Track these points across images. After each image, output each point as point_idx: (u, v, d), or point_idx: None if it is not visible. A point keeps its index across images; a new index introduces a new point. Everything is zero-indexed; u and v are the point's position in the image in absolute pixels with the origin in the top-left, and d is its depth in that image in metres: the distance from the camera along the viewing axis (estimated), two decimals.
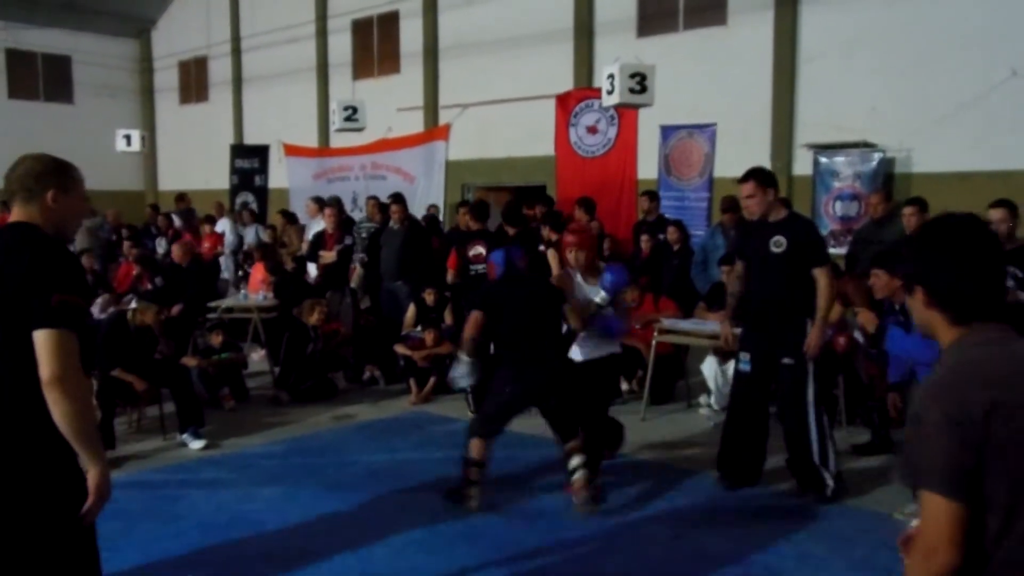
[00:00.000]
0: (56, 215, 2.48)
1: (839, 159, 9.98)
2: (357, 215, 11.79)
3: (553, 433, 4.95)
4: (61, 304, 2.30)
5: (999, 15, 9.08)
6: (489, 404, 4.86)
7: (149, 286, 8.66)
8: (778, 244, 4.74)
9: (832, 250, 8.94)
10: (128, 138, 13.68)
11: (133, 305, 6.63)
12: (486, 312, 4.83)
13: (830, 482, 4.79)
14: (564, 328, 5.02)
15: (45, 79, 19.56)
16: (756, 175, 4.87)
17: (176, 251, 8.85)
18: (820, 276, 4.71)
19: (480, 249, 7.34)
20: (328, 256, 9.09)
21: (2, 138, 18.15)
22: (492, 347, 5.29)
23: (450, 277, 7.69)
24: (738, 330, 5.27)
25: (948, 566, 1.56)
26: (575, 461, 4.72)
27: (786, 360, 4.79)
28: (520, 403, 4.83)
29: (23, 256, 2.32)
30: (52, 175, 2.50)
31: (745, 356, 4.96)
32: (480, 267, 7.28)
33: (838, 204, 9.98)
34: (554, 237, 7.16)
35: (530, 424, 6.51)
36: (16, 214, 2.47)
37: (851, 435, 6.01)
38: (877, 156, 9.72)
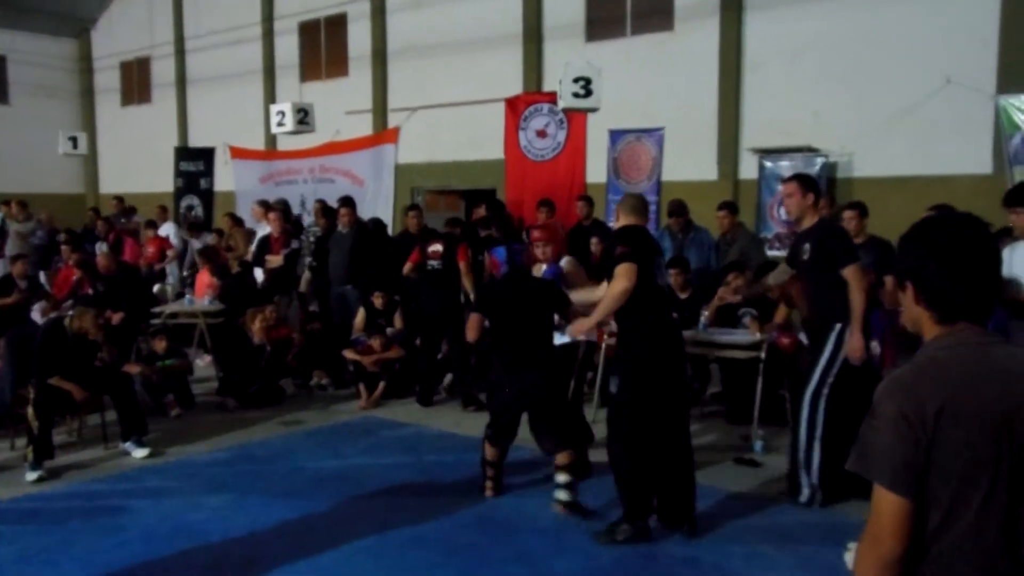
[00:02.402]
0: None
1: (784, 163, 10.17)
2: (306, 218, 11.65)
3: (537, 444, 4.90)
4: None
5: (936, 24, 9.36)
6: (490, 405, 5.18)
7: (90, 291, 8.43)
8: (805, 252, 4.78)
9: (774, 252, 9.15)
10: (74, 140, 13.31)
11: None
12: (485, 313, 4.87)
13: (806, 489, 4.78)
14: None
15: None
16: (800, 177, 4.93)
17: (101, 261, 8.53)
18: (847, 276, 4.62)
19: (439, 247, 7.36)
20: (275, 260, 8.96)
21: None
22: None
23: (407, 269, 7.62)
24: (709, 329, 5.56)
25: (891, 555, 1.61)
26: (560, 479, 4.72)
27: (810, 358, 4.86)
28: (516, 405, 4.81)
29: None
30: None
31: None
32: (436, 263, 7.30)
33: (782, 208, 10.15)
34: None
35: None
36: None
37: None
38: (820, 161, 9.92)
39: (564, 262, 5.77)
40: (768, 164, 10.33)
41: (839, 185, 9.97)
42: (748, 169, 10.80)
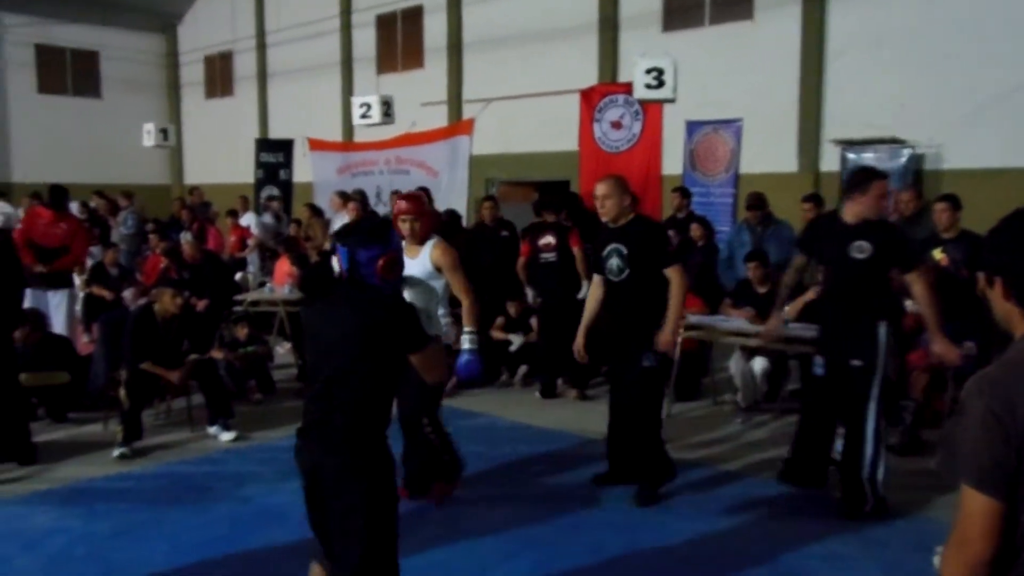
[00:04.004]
0: None
1: (867, 155, 9.87)
2: (381, 209, 11.81)
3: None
4: None
5: None
6: None
7: (176, 278, 8.71)
8: (860, 250, 4.50)
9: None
10: (164, 132, 13.78)
11: None
12: None
13: (871, 499, 4.56)
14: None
15: (73, 74, 19.76)
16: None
17: (186, 249, 8.75)
18: (915, 282, 4.48)
19: (550, 239, 7.37)
20: None
21: (32, 132, 18.49)
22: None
23: (520, 265, 7.72)
24: (791, 325, 5.26)
25: (979, 558, 1.56)
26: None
27: (855, 362, 4.56)
28: None
29: None
30: None
31: (819, 360, 4.82)
32: (550, 256, 7.32)
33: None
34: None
35: (551, 418, 6.53)
36: None
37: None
38: (906, 152, 9.60)
39: (432, 246, 4.60)
40: (851, 156, 10.04)
41: (927, 177, 9.63)
42: (830, 161, 10.52)
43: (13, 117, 18.55)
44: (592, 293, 5.11)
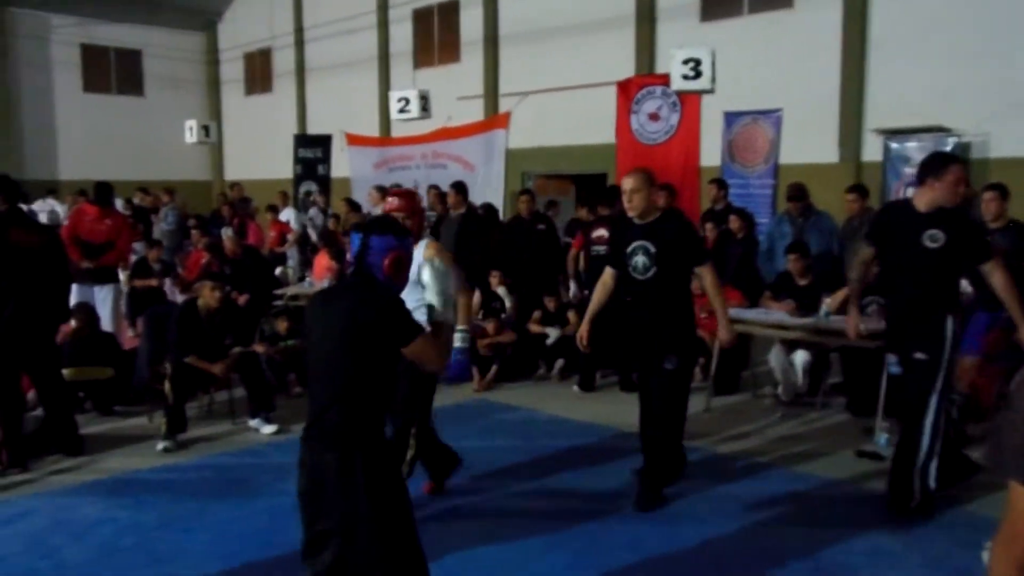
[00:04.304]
0: None
1: (911, 144, 9.68)
2: None
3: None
4: None
5: None
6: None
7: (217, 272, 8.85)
8: (934, 239, 4.31)
9: None
10: (206, 129, 13.99)
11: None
12: None
13: (918, 495, 4.40)
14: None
15: (117, 73, 20.13)
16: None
17: (227, 245, 8.85)
18: (993, 271, 4.30)
19: (603, 232, 7.37)
20: None
21: (78, 130, 18.88)
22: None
23: (572, 256, 7.87)
24: (832, 318, 5.12)
25: None
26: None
27: (918, 355, 4.39)
28: None
29: None
30: None
31: (892, 358, 4.65)
32: (602, 249, 7.33)
33: (910, 191, 9.67)
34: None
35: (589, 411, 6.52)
36: None
37: None
38: (952, 141, 9.40)
39: (425, 246, 4.40)
40: (894, 145, 9.85)
41: (974, 166, 9.40)
42: (872, 151, 10.34)
43: (60, 116, 18.96)
44: (603, 286, 4.94)
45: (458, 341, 4.32)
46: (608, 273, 4.92)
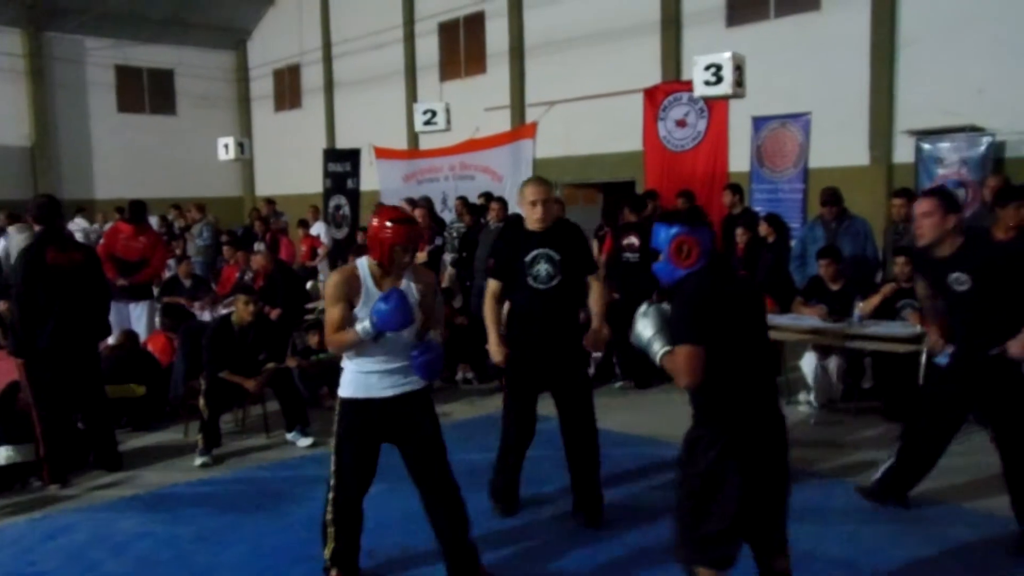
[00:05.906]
0: None
1: (944, 145, 9.55)
2: (447, 216, 11.91)
3: None
4: None
5: None
6: None
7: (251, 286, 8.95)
8: (959, 282, 4.02)
9: None
10: (241, 146, 14.17)
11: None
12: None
13: None
14: None
15: (150, 92, 20.51)
16: (941, 194, 4.11)
17: (257, 261, 8.93)
18: None
19: (634, 239, 7.35)
20: (420, 257, 9.20)
21: (113, 150, 19.25)
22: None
23: (601, 264, 7.71)
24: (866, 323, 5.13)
25: None
26: None
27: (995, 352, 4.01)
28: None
29: None
30: None
31: (947, 348, 4.35)
32: (633, 256, 7.31)
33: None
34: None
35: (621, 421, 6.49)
36: None
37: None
38: (986, 140, 9.26)
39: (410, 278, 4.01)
40: (926, 146, 9.73)
41: (1009, 166, 9.27)
42: (903, 153, 10.22)
43: (95, 136, 19.36)
44: (495, 299, 4.64)
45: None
46: (496, 285, 4.64)
